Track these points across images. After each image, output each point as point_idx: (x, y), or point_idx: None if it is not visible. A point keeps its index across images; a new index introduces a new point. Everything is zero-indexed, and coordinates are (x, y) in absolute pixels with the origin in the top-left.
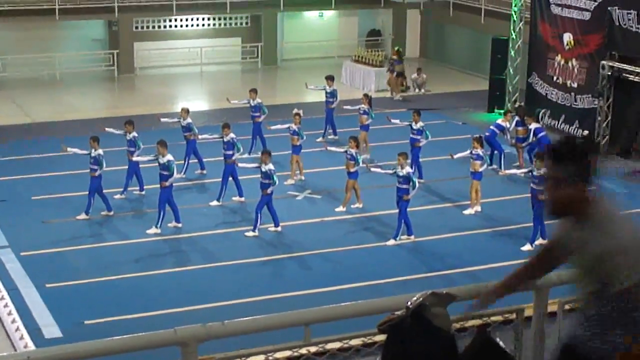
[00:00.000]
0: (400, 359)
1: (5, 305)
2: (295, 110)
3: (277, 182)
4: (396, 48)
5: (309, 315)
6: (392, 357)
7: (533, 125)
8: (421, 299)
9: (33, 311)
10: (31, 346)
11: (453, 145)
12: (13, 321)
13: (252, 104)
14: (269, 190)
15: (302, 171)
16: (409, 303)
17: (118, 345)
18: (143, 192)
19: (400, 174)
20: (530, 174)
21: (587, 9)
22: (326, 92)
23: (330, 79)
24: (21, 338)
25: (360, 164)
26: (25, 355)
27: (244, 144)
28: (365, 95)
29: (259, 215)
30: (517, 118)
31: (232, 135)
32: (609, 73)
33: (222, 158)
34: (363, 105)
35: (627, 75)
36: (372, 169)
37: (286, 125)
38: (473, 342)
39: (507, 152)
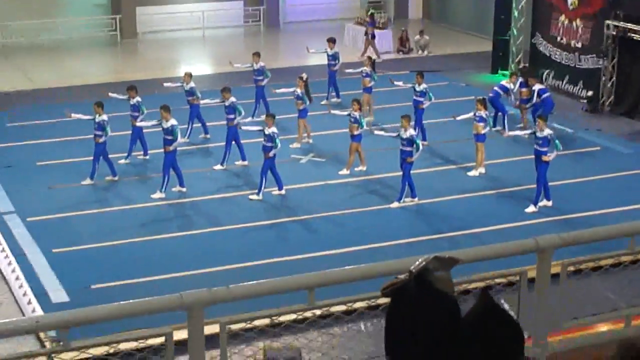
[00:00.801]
0: (404, 323)
1: (13, 271)
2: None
3: (279, 146)
4: (370, 12)
5: (313, 279)
6: (396, 321)
7: (537, 87)
8: (424, 262)
9: (40, 276)
10: (39, 310)
11: (456, 107)
12: (20, 286)
13: (255, 68)
14: (270, 154)
15: (310, 134)
16: (412, 267)
17: (125, 310)
18: (147, 157)
19: (404, 136)
20: (533, 135)
21: None
22: (328, 55)
23: (331, 41)
24: (29, 303)
25: (364, 127)
26: (34, 320)
27: (247, 107)
28: (369, 57)
29: (264, 178)
30: (520, 79)
31: (232, 99)
32: (614, 33)
33: (225, 122)
34: (365, 68)
35: (632, 35)
36: (376, 132)
37: (291, 90)
38: (476, 305)
39: (510, 113)
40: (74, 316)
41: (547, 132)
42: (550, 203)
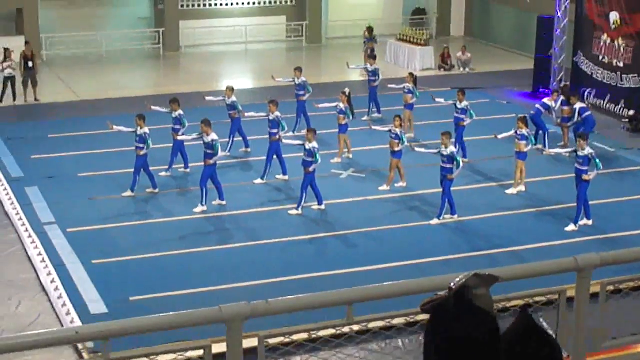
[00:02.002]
0: (443, 340)
1: (52, 281)
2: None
3: (319, 161)
4: (367, 25)
5: (352, 295)
6: (435, 338)
7: (578, 105)
8: (464, 279)
9: (79, 287)
10: (77, 321)
11: (497, 124)
12: (60, 297)
13: (297, 82)
14: (311, 169)
15: (350, 149)
16: (452, 284)
17: (164, 322)
18: (188, 170)
19: (444, 153)
20: (574, 153)
21: None
22: (368, 71)
23: (372, 57)
24: (67, 313)
25: (405, 144)
26: (73, 331)
27: (288, 122)
28: (410, 74)
29: (304, 193)
30: (562, 97)
31: (277, 113)
32: None
33: (267, 136)
34: (407, 84)
35: None
36: (416, 149)
37: (334, 104)
38: (516, 323)
39: (551, 131)
40: (113, 327)
41: (587, 150)
42: (590, 222)
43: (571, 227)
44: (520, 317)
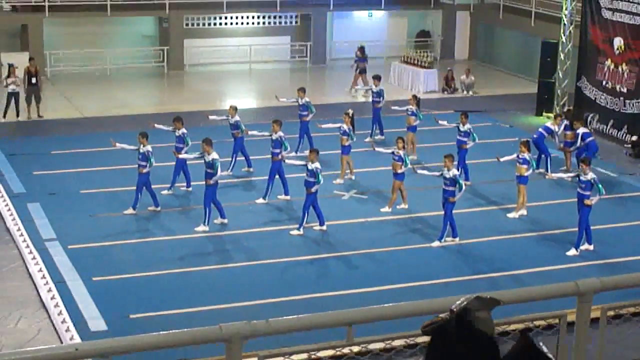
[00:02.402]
0: None
1: (52, 298)
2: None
3: (321, 181)
4: (359, 45)
5: (353, 315)
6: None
7: (581, 130)
8: (465, 302)
9: (79, 304)
10: (77, 338)
11: (500, 148)
12: (60, 313)
13: (300, 103)
14: (313, 189)
15: (353, 170)
16: (453, 306)
17: (164, 340)
18: (190, 189)
19: (447, 175)
20: (577, 178)
21: (639, 14)
22: (373, 92)
23: (377, 78)
24: (67, 330)
25: (408, 166)
26: (73, 347)
27: (291, 142)
28: (414, 96)
29: (306, 213)
30: (565, 122)
31: (280, 133)
32: None
33: (269, 156)
34: (411, 107)
35: None
36: (419, 171)
37: (337, 125)
38: (516, 346)
39: (554, 155)
40: (113, 345)
41: (590, 175)
42: (591, 247)
43: (572, 252)
44: (521, 340)
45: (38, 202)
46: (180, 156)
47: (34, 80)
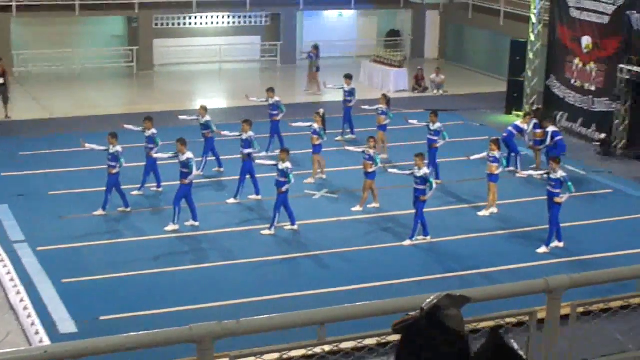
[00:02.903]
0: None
1: (21, 300)
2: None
3: (292, 181)
4: (313, 44)
5: (324, 315)
6: (406, 358)
7: (550, 129)
8: (436, 300)
9: (49, 306)
10: (46, 341)
11: (470, 146)
12: (29, 316)
13: (270, 103)
14: (283, 189)
15: (324, 170)
16: (424, 304)
17: (134, 341)
18: (160, 189)
19: (417, 174)
20: (547, 176)
21: (606, 13)
22: (344, 91)
23: (348, 77)
24: (36, 333)
25: (379, 165)
26: (42, 350)
27: (262, 142)
28: (384, 95)
29: (277, 213)
30: (534, 120)
31: (251, 133)
32: (627, 77)
33: (240, 156)
34: (381, 106)
35: None
36: (389, 170)
37: (308, 124)
38: (486, 343)
39: (523, 154)
40: (83, 346)
41: (560, 173)
42: (561, 244)
43: (543, 249)
44: (492, 337)
45: (6, 203)
46: (155, 156)
47: (1, 80)
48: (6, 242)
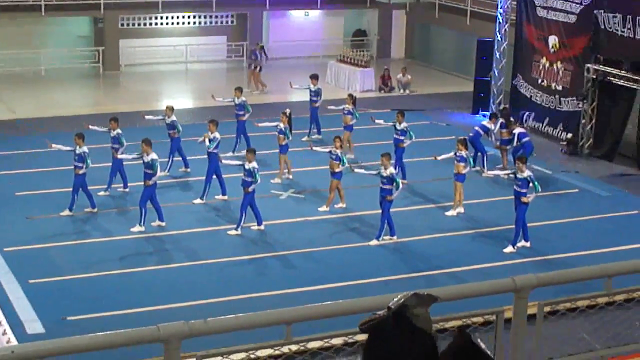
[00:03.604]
0: (381, 359)
1: None
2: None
3: (259, 181)
4: (257, 43)
5: (291, 314)
6: (373, 357)
7: (517, 130)
8: (403, 299)
9: (16, 307)
10: (13, 341)
11: (437, 146)
12: None
13: (237, 102)
14: (250, 189)
15: (290, 170)
16: (391, 303)
17: (101, 341)
18: (127, 190)
19: (384, 174)
20: (513, 176)
21: (573, 12)
22: (310, 91)
23: (314, 77)
24: (4, 333)
25: (345, 165)
26: (9, 350)
27: (228, 142)
28: (350, 95)
29: (243, 213)
30: (501, 120)
31: (216, 134)
32: (594, 76)
33: (206, 156)
34: (347, 106)
35: (612, 79)
36: (356, 170)
37: (274, 124)
38: (453, 342)
39: (490, 153)
40: (50, 347)
41: (526, 173)
42: (528, 244)
43: (509, 249)
44: (459, 336)
45: None
46: (119, 156)
47: None
48: None
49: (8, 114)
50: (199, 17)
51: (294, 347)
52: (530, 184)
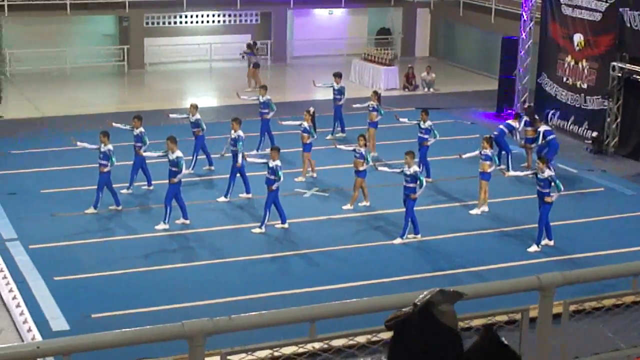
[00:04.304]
0: (406, 356)
1: (14, 298)
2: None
3: (282, 179)
4: (249, 42)
5: (315, 311)
6: (398, 354)
7: (542, 128)
8: (429, 296)
9: (41, 304)
10: (38, 338)
11: (461, 144)
12: (21, 313)
13: (261, 101)
14: (273, 187)
15: (314, 168)
16: (417, 300)
17: (126, 338)
18: (151, 187)
19: (408, 172)
20: (535, 176)
21: (598, 10)
22: (334, 89)
23: (338, 76)
24: (29, 330)
25: (369, 163)
26: (34, 345)
27: (252, 140)
28: (375, 92)
29: (267, 211)
30: (525, 118)
31: (240, 132)
32: (619, 74)
33: (230, 154)
34: (372, 102)
35: (637, 77)
36: (380, 168)
37: (298, 123)
38: (479, 340)
39: (515, 152)
40: (75, 342)
41: (547, 173)
42: (552, 242)
43: (533, 248)
44: (485, 334)
45: None
46: (145, 154)
47: None
48: None
49: (35, 112)
50: (224, 15)
51: (317, 345)
52: (552, 184)
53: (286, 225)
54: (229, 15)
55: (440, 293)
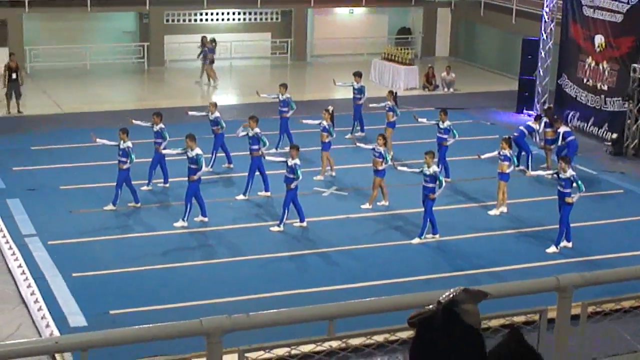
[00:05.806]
0: (429, 354)
1: (32, 293)
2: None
3: (300, 177)
4: (210, 38)
5: (333, 310)
6: (420, 351)
7: (562, 129)
8: (453, 294)
9: (59, 300)
10: (56, 334)
11: (480, 145)
12: (39, 309)
13: (281, 99)
14: (292, 185)
15: (333, 167)
16: (441, 298)
17: (144, 334)
18: (167, 185)
19: (427, 172)
20: (556, 176)
21: (620, 12)
22: (354, 89)
23: (357, 75)
24: (47, 326)
25: (388, 162)
26: (53, 341)
27: (271, 138)
28: (390, 92)
29: (286, 210)
30: (545, 119)
31: (257, 129)
32: None
33: (249, 152)
34: (388, 102)
35: None
36: (399, 168)
37: (317, 121)
38: (505, 341)
39: (534, 152)
40: (93, 338)
41: (569, 173)
42: (570, 244)
43: (552, 249)
44: (510, 334)
45: (17, 197)
46: (164, 151)
47: (14, 75)
48: (17, 235)
49: (54, 108)
50: (244, 13)
51: (335, 343)
52: (574, 184)
53: (305, 224)
54: (250, 14)
55: (464, 292)
